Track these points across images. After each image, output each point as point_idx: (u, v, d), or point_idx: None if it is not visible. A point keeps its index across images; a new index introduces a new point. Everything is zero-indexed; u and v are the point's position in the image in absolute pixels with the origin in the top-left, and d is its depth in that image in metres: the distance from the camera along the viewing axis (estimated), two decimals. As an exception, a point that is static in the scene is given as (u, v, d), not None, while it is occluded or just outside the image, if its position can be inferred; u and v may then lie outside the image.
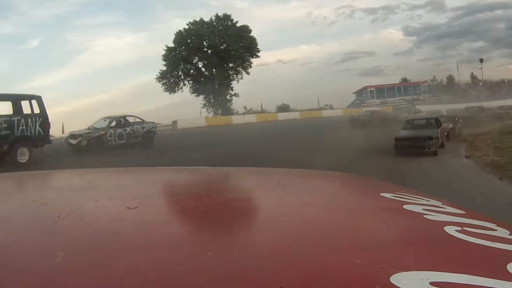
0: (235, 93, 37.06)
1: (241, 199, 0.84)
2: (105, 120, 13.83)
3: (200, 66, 37.08)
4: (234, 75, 37.31)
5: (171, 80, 36.01)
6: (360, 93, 46.21)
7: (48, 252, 0.49)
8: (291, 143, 13.37)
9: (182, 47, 35.27)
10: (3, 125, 9.28)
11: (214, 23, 35.88)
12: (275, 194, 0.88)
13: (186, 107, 37.71)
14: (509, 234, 0.66)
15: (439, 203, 0.87)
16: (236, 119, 31.29)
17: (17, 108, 9.76)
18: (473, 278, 0.45)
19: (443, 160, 9.40)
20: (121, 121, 13.93)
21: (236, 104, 37.40)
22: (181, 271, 0.45)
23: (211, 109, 36.80)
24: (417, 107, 31.92)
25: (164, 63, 35.20)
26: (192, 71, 36.82)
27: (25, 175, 1.27)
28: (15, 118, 9.56)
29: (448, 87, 44.37)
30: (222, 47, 35.82)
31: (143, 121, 14.62)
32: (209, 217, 0.68)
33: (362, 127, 18.84)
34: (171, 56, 35.02)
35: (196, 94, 36.58)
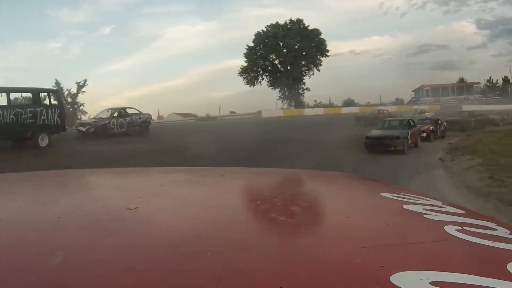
0: (307, 88, 42.89)
1: (241, 199, 0.84)
2: (108, 111, 15.79)
3: (276, 63, 42.90)
4: (306, 71, 42.72)
5: (251, 74, 42.59)
6: (417, 91, 47.28)
7: (48, 252, 0.49)
8: (296, 136, 14.58)
9: (260, 46, 41.60)
10: (28, 114, 10.94)
11: (289, 26, 41.52)
12: (275, 194, 0.88)
13: (260, 95, 43.39)
14: (509, 234, 0.66)
15: (439, 203, 0.87)
16: (307, 111, 36.72)
17: (39, 100, 11.59)
18: (473, 278, 0.45)
19: (404, 157, 10.72)
20: (122, 112, 15.70)
21: (309, 96, 43.46)
22: (181, 271, 0.45)
23: (285, 101, 42.96)
24: (463, 107, 33.41)
25: (245, 59, 42.01)
26: (269, 67, 42.78)
27: (25, 175, 1.27)
28: (38, 109, 11.23)
29: (502, 88, 44.94)
30: (295, 47, 41.35)
31: (140, 113, 16.44)
32: (209, 217, 0.68)
33: (365, 125, 19.65)
34: (251, 53, 41.83)
35: (272, 88, 42.80)
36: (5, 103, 10.72)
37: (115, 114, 15.45)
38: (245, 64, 41.75)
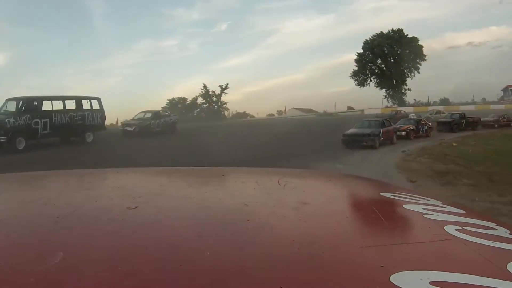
0: (408, 88, 53.16)
1: (241, 199, 0.84)
2: (145, 114, 19.48)
3: (382, 67, 53.26)
4: (408, 73, 52.53)
5: (361, 77, 53.91)
6: (505, 90, 49.58)
7: (48, 252, 0.49)
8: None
9: (367, 52, 52.86)
10: (78, 117, 14.30)
11: (391, 34, 51.60)
12: (275, 194, 0.88)
13: (373, 93, 53.74)
14: (509, 234, 0.66)
15: (439, 203, 0.87)
16: (407, 110, 40.56)
17: (87, 106, 14.94)
18: (473, 278, 0.45)
19: (375, 152, 12.59)
20: (157, 114, 19.64)
21: (414, 94, 54.22)
22: (181, 271, 0.45)
23: (390, 100, 53.89)
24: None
25: (356, 64, 53.53)
26: (376, 70, 53.69)
27: (25, 175, 1.27)
28: (86, 113, 14.59)
29: None
30: (398, 53, 51.29)
31: (170, 114, 20.74)
32: (209, 217, 0.68)
33: None
34: (360, 59, 53.17)
35: (379, 88, 53.99)
36: (61, 108, 13.88)
37: (153, 116, 19.23)
38: (355, 68, 53.41)
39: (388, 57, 52.24)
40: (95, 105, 15.42)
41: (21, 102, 12.52)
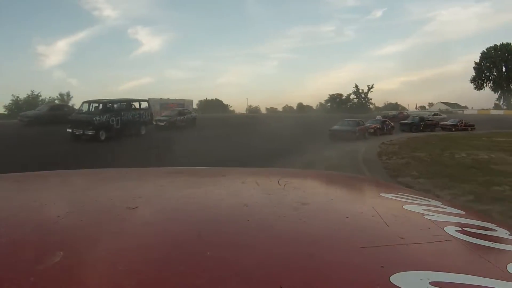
0: None
1: (241, 199, 0.84)
2: (173, 111, 25.14)
3: (496, 75, 63.63)
4: None
5: (479, 82, 64.95)
6: None
7: (48, 252, 0.49)
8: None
9: (483, 62, 63.51)
10: (137, 115, 18.56)
11: (507, 48, 62.80)
12: (275, 194, 0.88)
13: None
14: (509, 234, 0.67)
15: (439, 203, 0.87)
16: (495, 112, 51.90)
17: (140, 106, 19.37)
18: (473, 278, 0.45)
19: (353, 143, 16.32)
20: (182, 112, 24.58)
21: None
22: (181, 271, 0.45)
23: (504, 102, 64.56)
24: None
25: (474, 71, 65.08)
26: (491, 77, 64.31)
27: (25, 175, 1.27)
28: (141, 112, 18.92)
29: None
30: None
31: (190, 112, 25.98)
32: (209, 217, 0.68)
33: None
34: (478, 68, 64.53)
35: (494, 92, 65.25)
36: (126, 108, 18.34)
37: (179, 113, 24.17)
38: (473, 74, 64.91)
39: (502, 66, 62.62)
40: (146, 106, 20.13)
41: (101, 105, 16.89)
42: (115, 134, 16.52)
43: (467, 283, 0.44)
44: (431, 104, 72.57)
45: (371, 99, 64.91)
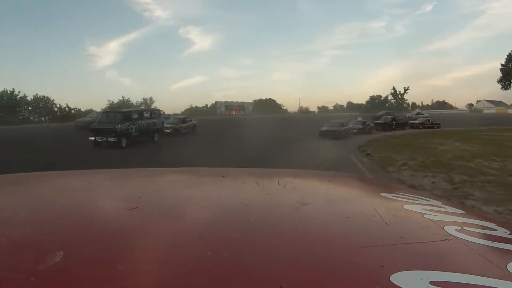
0: None
1: (241, 199, 0.84)
2: (176, 119, 26.68)
3: None
4: None
5: (505, 82, 62.34)
6: None
7: (48, 252, 0.49)
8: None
9: (510, 64, 61.57)
10: (151, 123, 19.93)
11: None
12: (275, 194, 0.88)
13: None
14: (509, 234, 0.67)
15: (439, 203, 0.87)
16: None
17: (153, 115, 20.84)
18: (473, 278, 0.45)
19: (339, 141, 19.52)
20: (184, 120, 26.27)
21: None
22: (181, 271, 0.45)
23: None
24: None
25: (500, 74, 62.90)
26: None
27: (25, 176, 1.27)
28: (154, 120, 20.38)
29: None
30: None
31: (191, 119, 27.27)
32: (209, 217, 0.68)
33: (372, 120, 30.74)
34: (505, 69, 61.95)
35: None
36: (141, 117, 19.90)
37: (182, 121, 26.09)
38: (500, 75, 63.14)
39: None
40: (158, 115, 21.98)
41: (121, 114, 18.74)
42: (133, 141, 18.17)
43: (467, 283, 0.44)
44: (477, 102, 74.76)
45: (406, 100, 74.72)
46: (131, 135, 18.12)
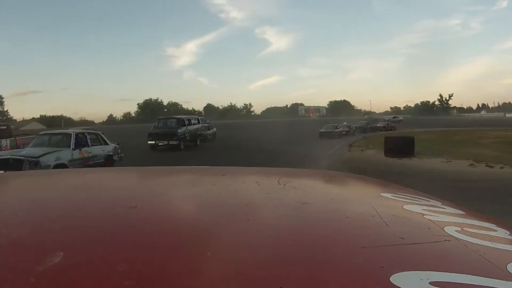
0: None
1: (241, 199, 0.84)
2: (203, 127, 26.56)
3: None
4: None
5: None
6: None
7: (48, 252, 0.49)
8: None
9: None
10: (196, 129, 22.48)
11: None
12: (275, 193, 0.88)
13: None
14: (509, 235, 0.67)
15: (439, 203, 0.87)
16: None
17: (198, 122, 23.74)
18: (473, 278, 0.45)
19: (334, 139, 26.79)
20: (209, 127, 27.55)
21: None
22: (181, 271, 0.45)
23: None
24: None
25: None
26: None
27: (25, 175, 1.27)
28: (199, 127, 23.11)
29: None
30: None
31: (212, 127, 28.74)
32: (209, 217, 0.68)
33: (359, 125, 41.38)
34: None
35: None
36: (191, 123, 22.40)
37: (206, 128, 27.23)
38: None
39: None
40: (201, 121, 24.64)
41: (179, 120, 21.18)
42: (186, 144, 20.49)
43: (467, 283, 0.44)
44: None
45: (451, 105, 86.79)
46: (186, 139, 20.54)
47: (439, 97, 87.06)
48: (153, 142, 19.34)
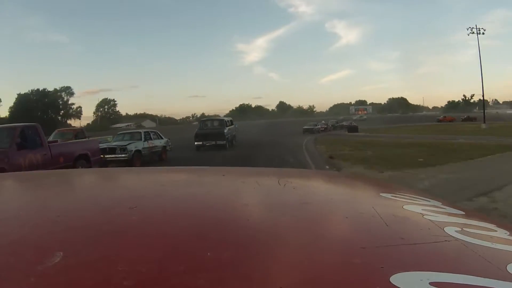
0: None
1: (241, 199, 0.85)
2: (230, 130, 25.63)
3: None
4: None
5: None
6: None
7: (48, 252, 0.49)
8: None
9: None
10: (233, 130, 23.29)
11: None
12: (275, 193, 0.88)
13: None
14: (509, 235, 0.67)
15: (439, 204, 0.87)
16: None
17: (231, 124, 23.80)
18: (473, 278, 0.45)
19: (315, 134, 37.29)
20: (234, 127, 26.69)
21: None
22: (181, 271, 0.45)
23: None
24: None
25: None
26: None
27: (25, 175, 1.27)
28: (234, 128, 23.64)
29: None
30: None
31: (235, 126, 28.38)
32: (209, 217, 0.68)
33: (333, 124, 53.57)
34: None
35: None
36: (231, 124, 23.57)
37: (235, 128, 27.34)
38: None
39: None
40: (231, 123, 24.80)
41: (224, 121, 22.24)
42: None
43: (467, 283, 0.44)
44: None
45: (473, 103, 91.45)
46: (228, 139, 21.22)
47: (463, 97, 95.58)
48: (200, 142, 20.10)
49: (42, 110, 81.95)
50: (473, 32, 45.64)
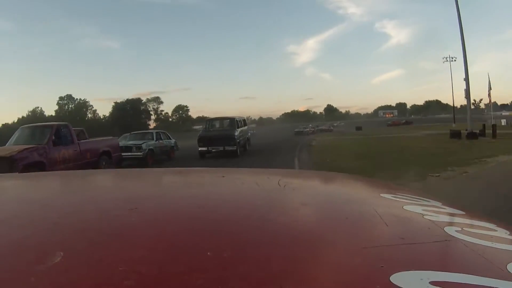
0: None
1: (241, 199, 0.85)
2: (242, 132, 22.46)
3: None
4: None
5: None
6: None
7: (48, 252, 0.49)
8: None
9: None
10: (246, 133, 20.65)
11: None
12: (275, 194, 0.88)
13: None
14: (509, 235, 0.67)
15: (439, 204, 0.87)
16: None
17: (244, 125, 21.08)
18: (473, 278, 0.45)
19: (309, 135, 46.04)
20: (244, 130, 23.87)
21: None
22: (181, 271, 0.45)
23: None
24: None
25: None
26: None
27: (25, 175, 1.27)
28: (247, 130, 21.45)
29: None
30: None
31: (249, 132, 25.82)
32: (209, 217, 0.68)
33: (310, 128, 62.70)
34: None
35: None
36: (244, 125, 20.76)
37: (247, 129, 24.74)
38: None
39: None
40: (244, 123, 21.93)
41: (235, 121, 18.74)
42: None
43: (467, 283, 0.44)
44: None
45: (480, 107, 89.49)
46: (240, 143, 17.23)
47: (473, 101, 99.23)
48: (205, 148, 16.14)
49: (135, 115, 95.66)
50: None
